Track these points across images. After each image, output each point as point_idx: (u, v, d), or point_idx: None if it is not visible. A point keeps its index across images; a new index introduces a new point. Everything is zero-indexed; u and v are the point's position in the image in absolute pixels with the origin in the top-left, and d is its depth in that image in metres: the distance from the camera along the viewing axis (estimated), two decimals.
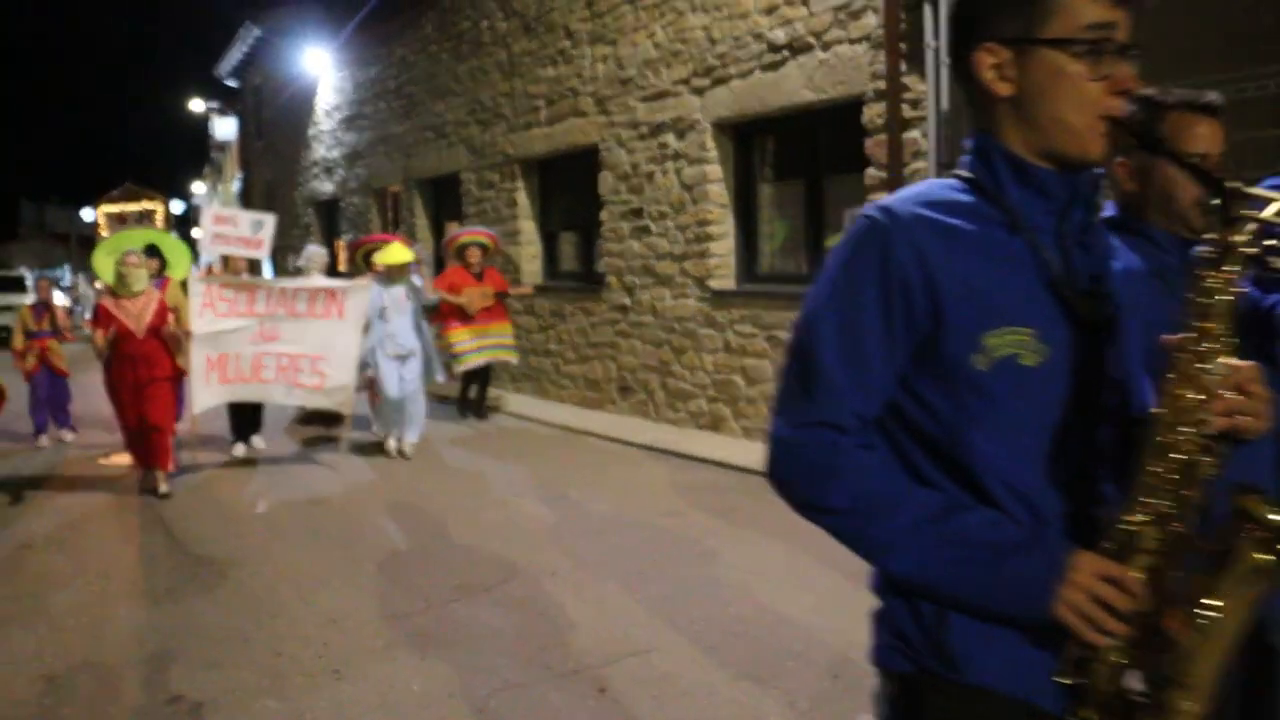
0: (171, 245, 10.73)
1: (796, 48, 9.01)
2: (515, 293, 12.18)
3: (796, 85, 9.03)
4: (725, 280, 10.18)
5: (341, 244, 19.39)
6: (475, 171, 14.44)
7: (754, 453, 9.16)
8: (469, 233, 11.89)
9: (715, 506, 7.73)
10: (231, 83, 28.91)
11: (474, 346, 11.38)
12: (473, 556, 6.66)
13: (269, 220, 10.14)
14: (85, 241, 64.31)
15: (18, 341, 11.48)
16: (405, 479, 9.08)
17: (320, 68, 20.26)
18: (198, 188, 55.67)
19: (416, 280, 10.31)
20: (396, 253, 10.13)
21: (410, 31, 16.42)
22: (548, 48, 12.54)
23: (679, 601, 5.69)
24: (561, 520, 7.52)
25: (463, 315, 11.23)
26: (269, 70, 24.57)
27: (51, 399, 11.49)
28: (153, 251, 10.29)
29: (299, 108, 22.00)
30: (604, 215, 11.57)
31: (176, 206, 46.27)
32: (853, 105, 8.61)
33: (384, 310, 9.84)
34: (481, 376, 12.04)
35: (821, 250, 9.46)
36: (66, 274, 56.99)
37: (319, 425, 11.35)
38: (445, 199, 16.11)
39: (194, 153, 51.42)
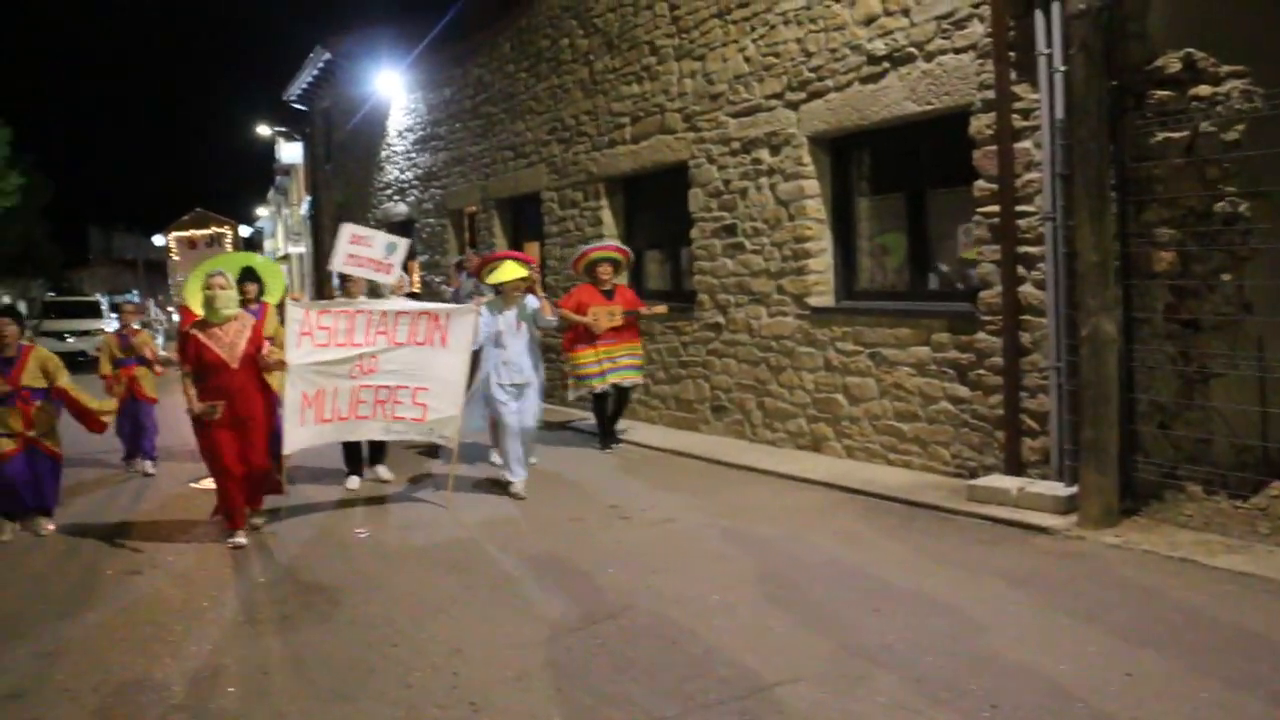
0: (268, 269, 10.44)
1: (897, 59, 8.82)
2: (648, 312, 11.22)
3: (898, 97, 8.84)
4: (824, 297, 9.98)
5: (416, 265, 19.40)
6: (557, 190, 14.37)
7: (862, 472, 9.01)
8: (599, 248, 11.27)
9: (834, 529, 7.53)
10: (299, 107, 29.15)
11: (599, 370, 10.75)
12: (591, 582, 6.50)
13: (402, 244, 9.43)
14: (152, 266, 65.55)
15: (105, 368, 11.11)
16: (510, 504, 8.89)
17: (392, 90, 20.38)
18: (262, 212, 56.40)
19: (533, 301, 9.42)
20: (509, 270, 9.22)
21: (486, 51, 16.43)
22: (632, 65, 12.44)
23: (816, 628, 5.50)
24: (676, 543, 7.35)
25: (589, 336, 10.70)
26: (338, 93, 24.75)
27: (137, 428, 11.06)
28: (250, 276, 9.93)
29: (370, 130, 22.13)
30: (694, 233, 11.42)
31: (244, 231, 46.81)
32: (958, 116, 8.41)
33: (499, 335, 9.09)
34: (615, 401, 11.27)
35: (926, 265, 9.26)
36: (135, 298, 57.66)
37: (426, 456, 10.96)
38: (525, 219, 16.06)
39: (259, 178, 51.96)
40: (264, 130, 36.96)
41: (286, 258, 46.95)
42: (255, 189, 55.62)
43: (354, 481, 9.74)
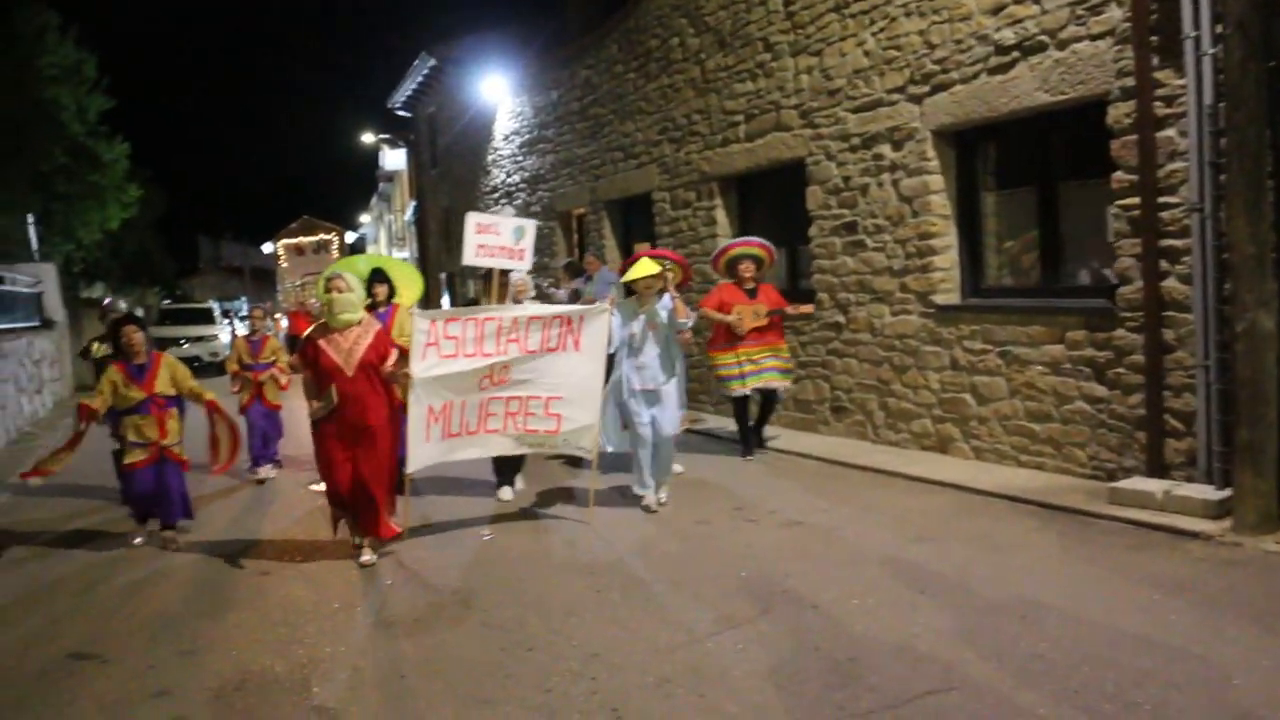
0: (400, 270, 10.05)
1: (1027, 48, 8.54)
2: (795, 310, 10.51)
3: (1028, 87, 8.55)
4: (950, 295, 9.72)
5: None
6: (669, 191, 14.26)
7: (992, 475, 8.74)
8: (741, 243, 10.53)
9: (968, 532, 7.29)
10: (404, 114, 29.50)
11: (740, 372, 10.15)
12: (724, 586, 6.36)
13: (530, 226, 8.95)
14: (259, 273, 67.02)
15: (232, 365, 11.15)
16: (635, 507, 8.64)
17: (497, 94, 20.48)
18: (365, 218, 57.28)
19: (667, 302, 8.55)
20: (641, 267, 8.51)
21: (593, 53, 16.39)
22: (745, 62, 12.28)
23: (963, 635, 5.29)
24: (807, 547, 7.17)
25: (730, 337, 10.13)
26: (443, 99, 24.98)
27: (262, 433, 11.00)
28: (379, 278, 9.34)
29: (475, 134, 22.28)
30: (813, 231, 11.22)
31: (349, 237, 47.58)
32: (1094, 106, 8.10)
33: (632, 338, 8.46)
34: (762, 406, 10.67)
35: (1058, 260, 8.94)
36: (244, 305, 58.98)
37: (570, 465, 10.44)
38: (636, 220, 15.98)
39: (363, 185, 52.73)
40: (368, 138, 37.50)
41: None
42: (359, 196, 56.42)
43: (506, 492, 9.26)
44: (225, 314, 39.42)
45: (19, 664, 5.73)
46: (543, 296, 11.23)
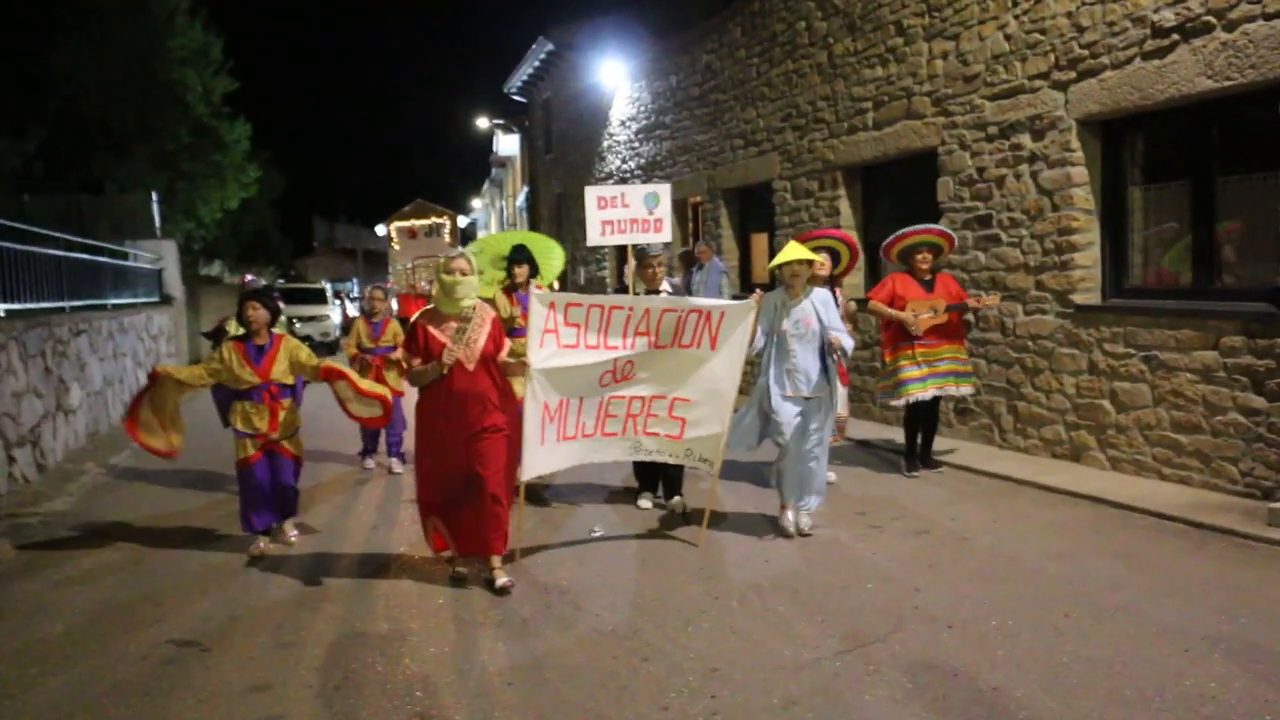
0: (544, 247, 9.62)
1: (1189, 30, 7.94)
2: (979, 304, 9.31)
3: (1189, 73, 7.96)
4: (1091, 294, 9.14)
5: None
6: (790, 180, 13.82)
7: (1132, 487, 8.19)
8: (917, 231, 9.25)
9: (1112, 549, 6.79)
10: (519, 99, 29.41)
11: (920, 374, 9.01)
12: (849, 600, 5.96)
13: (664, 192, 7.76)
14: (370, 256, 67.82)
15: (350, 349, 10.53)
16: (759, 513, 8.08)
17: (615, 79, 20.20)
18: (476, 204, 57.61)
19: (824, 295, 7.43)
20: (791, 250, 7.32)
21: (715, 37, 16.00)
22: (875, 46, 11.79)
23: (1118, 667, 4.83)
24: (935, 558, 6.72)
25: (905, 335, 9.03)
26: (560, 84, 24.80)
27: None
28: (521, 256, 8.89)
29: (591, 120, 22.04)
30: (943, 224, 10.68)
31: (461, 221, 47.88)
32: (1266, 93, 7.50)
33: (782, 335, 7.28)
34: (928, 415, 9.45)
35: (1213, 260, 8.33)
36: (355, 286, 59.76)
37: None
38: (753, 209, 15.57)
39: (476, 170, 53.04)
40: (482, 123, 37.56)
41: None
42: (471, 181, 56.85)
43: (646, 501, 8.38)
44: (337, 294, 39.88)
45: (120, 649, 5.57)
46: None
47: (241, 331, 7.72)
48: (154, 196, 26.25)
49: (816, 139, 13.09)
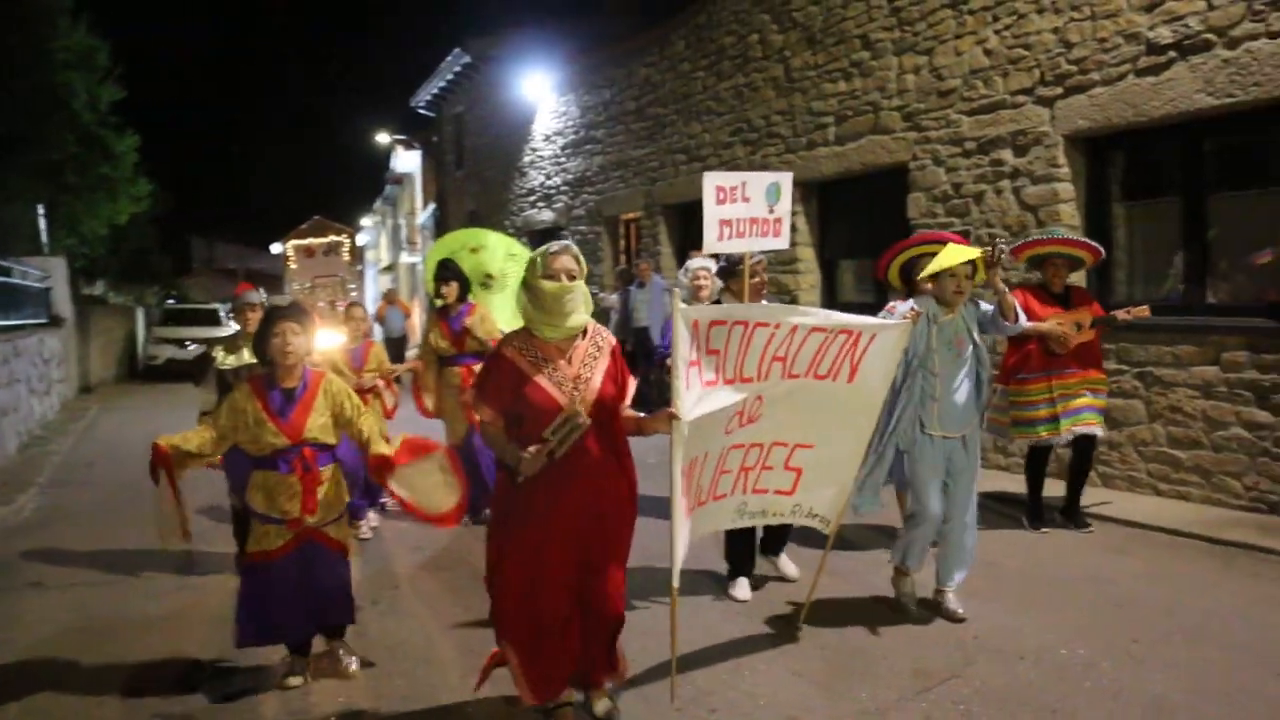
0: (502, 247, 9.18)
1: (1188, 47, 7.94)
2: (1130, 316, 7.52)
3: (1187, 90, 7.95)
4: None
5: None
6: None
7: (1131, 504, 8.23)
8: (1049, 241, 7.63)
9: (1140, 570, 6.67)
10: (426, 113, 28.82)
11: (1052, 413, 7.51)
12: (906, 635, 5.68)
13: (785, 182, 5.76)
14: (256, 277, 66.00)
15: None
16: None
17: (539, 92, 19.83)
18: (366, 222, 56.40)
19: (986, 308, 5.87)
20: (955, 253, 5.62)
21: (655, 50, 15.76)
22: (838, 60, 11.66)
23: (1210, 696, 4.65)
24: (970, 587, 6.47)
25: (1043, 359, 7.50)
26: (475, 97, 24.32)
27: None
28: (448, 274, 8.21)
29: (511, 135, 21.63)
30: None
31: (360, 240, 46.84)
32: (1269, 109, 7.53)
33: (928, 358, 5.69)
34: (1076, 459, 7.77)
35: (1204, 275, 8.32)
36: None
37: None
38: (697, 225, 15.24)
39: (369, 188, 51.91)
40: (383, 138, 36.71)
41: (391, 268, 46.85)
42: (363, 200, 55.55)
43: (743, 589, 6.31)
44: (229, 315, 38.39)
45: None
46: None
47: (231, 360, 6.48)
48: (39, 209, 24.96)
49: (770, 154, 12.91)
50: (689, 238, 15.62)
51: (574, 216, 18.80)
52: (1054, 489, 8.02)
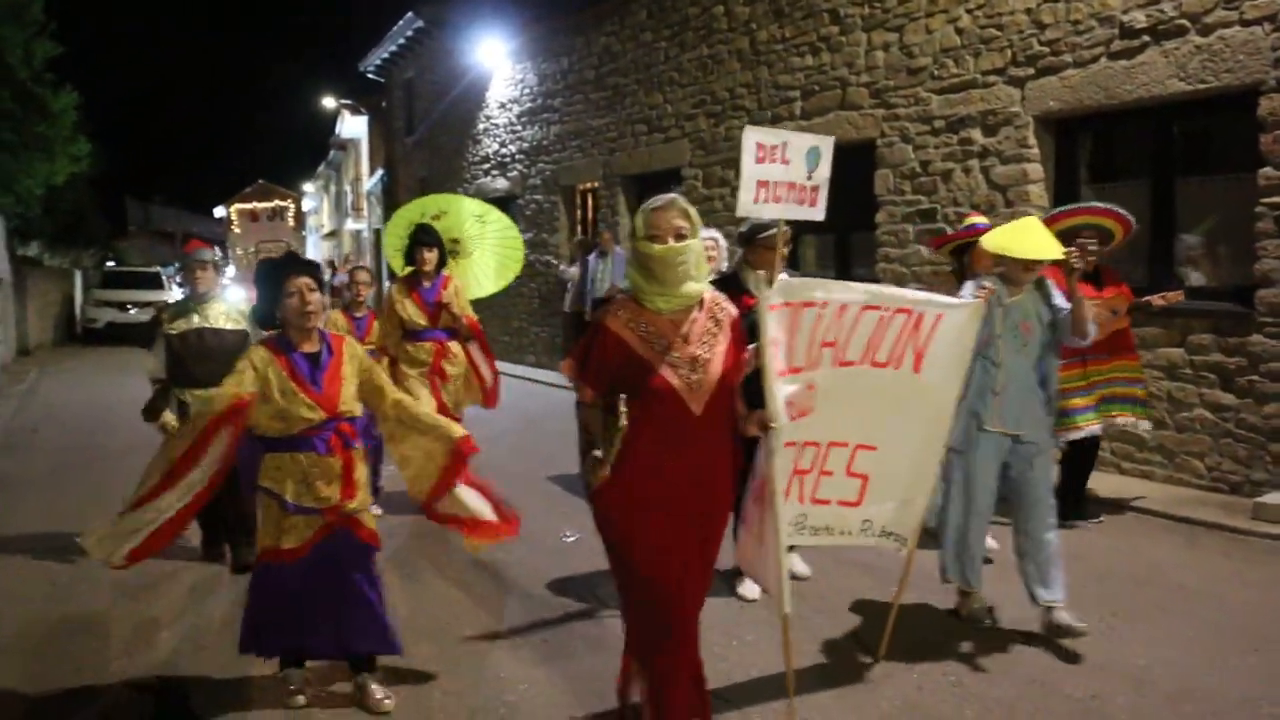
0: (487, 221, 8.93)
1: (1161, 32, 8.02)
2: (1162, 301, 7.20)
3: (1160, 75, 8.04)
4: None
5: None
6: (702, 168, 13.59)
7: (1096, 482, 8.20)
8: (1080, 211, 6.94)
9: (1110, 545, 6.76)
10: (376, 78, 28.41)
11: (1089, 401, 7.03)
12: (906, 614, 5.71)
13: (826, 146, 4.54)
14: (194, 239, 64.71)
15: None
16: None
17: (494, 59, 19.61)
18: (309, 187, 55.68)
19: (1060, 302, 5.13)
20: (1033, 245, 4.91)
21: (615, 19, 15.63)
22: (806, 34, 11.64)
23: (1195, 667, 4.73)
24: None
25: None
26: (427, 63, 24.00)
27: (375, 451, 7.27)
28: (429, 239, 7.73)
29: (464, 102, 21.38)
30: (880, 217, 10.63)
31: (306, 205, 46.12)
32: (1239, 96, 7.63)
33: (991, 345, 5.03)
34: (1087, 451, 7.40)
35: (1169, 259, 8.44)
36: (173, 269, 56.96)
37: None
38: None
39: (313, 153, 51.12)
40: (329, 103, 36.16)
41: (334, 234, 46.34)
42: (306, 165, 54.78)
43: (751, 588, 5.79)
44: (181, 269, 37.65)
45: None
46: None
47: (180, 325, 6.16)
48: None
49: (735, 126, 12.87)
50: None
51: (529, 185, 18.66)
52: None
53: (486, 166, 20.45)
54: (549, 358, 17.70)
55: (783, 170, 4.57)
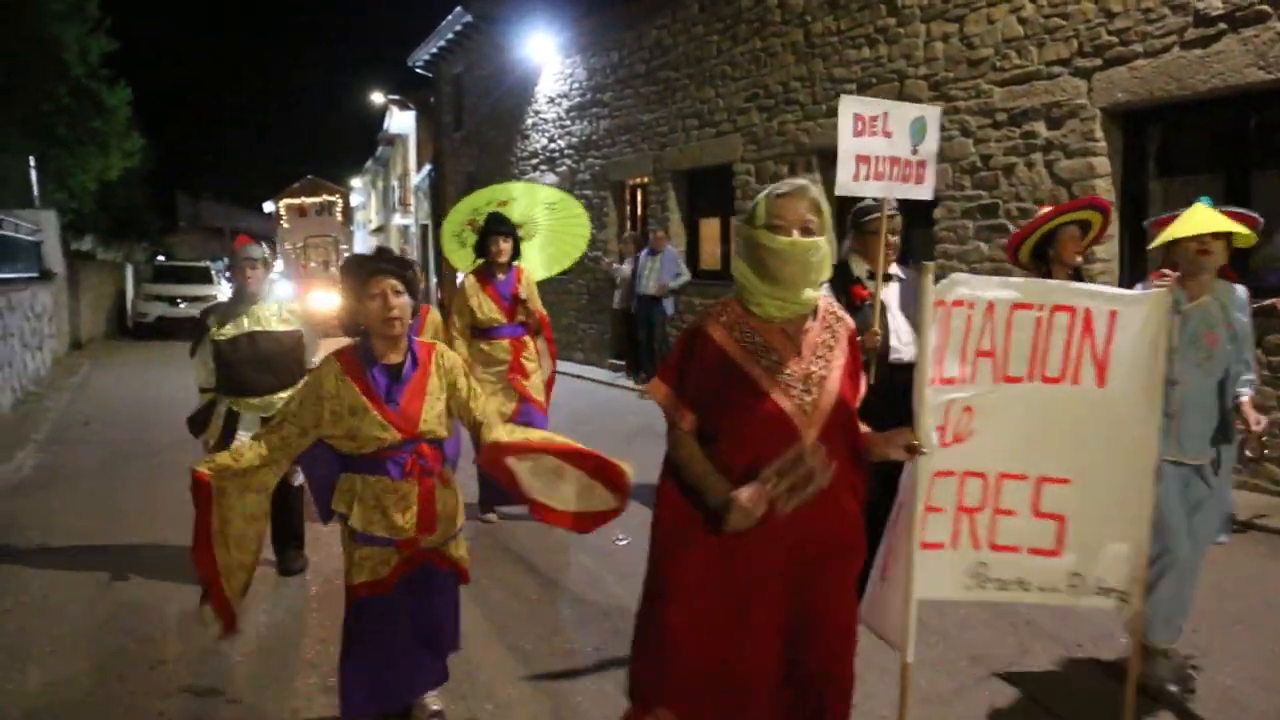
0: (561, 210, 8.37)
1: (1240, 19, 7.71)
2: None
3: (1238, 63, 7.73)
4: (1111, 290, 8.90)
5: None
6: (755, 163, 13.35)
7: None
8: (1060, 209, 5.61)
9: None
10: (424, 73, 28.37)
11: None
12: (972, 624, 5.50)
13: (933, 118, 4.77)
14: (237, 234, 65.16)
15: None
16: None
17: (543, 54, 19.46)
18: (356, 183, 55.94)
19: (1239, 294, 4.41)
20: (1204, 218, 4.23)
21: (667, 12, 15.42)
22: (862, 26, 11.38)
23: None
24: None
25: None
26: (476, 58, 23.91)
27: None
28: (503, 228, 7.18)
29: (513, 97, 21.26)
30: (939, 212, 10.36)
31: (354, 200, 46.35)
32: None
33: (1170, 360, 3.93)
34: None
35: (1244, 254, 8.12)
36: (223, 264, 57.44)
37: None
38: (706, 192, 15.03)
39: (360, 148, 51.31)
40: (377, 98, 36.22)
41: (382, 229, 46.49)
42: (354, 160, 54.99)
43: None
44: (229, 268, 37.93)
45: None
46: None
47: (229, 330, 5.76)
48: (31, 161, 24.52)
49: (788, 120, 12.64)
50: (698, 205, 15.37)
51: (579, 181, 18.49)
52: None
53: (535, 162, 20.32)
54: (598, 355, 17.57)
55: (885, 144, 4.26)
